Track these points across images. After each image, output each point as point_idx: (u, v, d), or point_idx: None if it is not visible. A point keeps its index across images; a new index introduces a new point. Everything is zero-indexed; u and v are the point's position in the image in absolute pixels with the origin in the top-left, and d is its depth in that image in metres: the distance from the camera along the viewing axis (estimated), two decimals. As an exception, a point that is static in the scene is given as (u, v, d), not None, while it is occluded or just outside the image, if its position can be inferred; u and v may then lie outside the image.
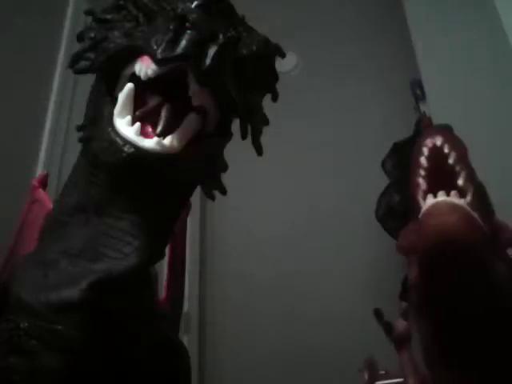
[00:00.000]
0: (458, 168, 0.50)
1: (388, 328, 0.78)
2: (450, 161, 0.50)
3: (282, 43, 0.53)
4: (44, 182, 0.61)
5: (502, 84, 1.18)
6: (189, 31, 0.41)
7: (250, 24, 0.51)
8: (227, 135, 0.51)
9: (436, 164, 0.51)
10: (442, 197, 0.48)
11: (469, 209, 0.48)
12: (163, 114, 0.44)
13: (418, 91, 1.54)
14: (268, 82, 0.53)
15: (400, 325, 0.77)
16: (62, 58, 1.40)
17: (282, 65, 0.57)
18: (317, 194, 1.72)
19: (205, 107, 0.45)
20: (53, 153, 1.28)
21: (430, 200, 0.48)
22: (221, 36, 0.41)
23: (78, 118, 0.52)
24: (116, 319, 0.43)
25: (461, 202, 0.47)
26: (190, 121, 0.45)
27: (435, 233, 0.46)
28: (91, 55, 0.49)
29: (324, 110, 1.88)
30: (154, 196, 0.45)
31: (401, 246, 0.56)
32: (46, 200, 0.57)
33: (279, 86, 0.54)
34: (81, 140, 0.50)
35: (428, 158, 0.51)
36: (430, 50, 1.38)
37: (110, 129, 0.43)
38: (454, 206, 0.47)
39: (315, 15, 2.03)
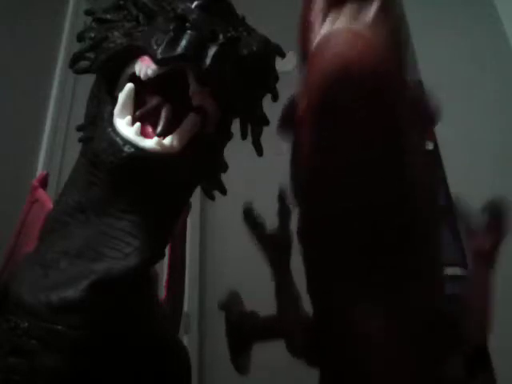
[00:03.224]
0: None
1: (257, 228, 0.60)
2: None
3: (282, 43, 0.53)
4: (44, 182, 0.61)
5: (502, 84, 1.18)
6: (189, 31, 0.41)
7: (249, 24, 0.51)
8: (227, 135, 0.51)
9: None
10: (342, 21, 0.31)
11: (380, 41, 0.32)
12: (163, 114, 0.44)
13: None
14: (268, 82, 0.53)
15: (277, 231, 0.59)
16: (61, 58, 1.41)
17: (282, 65, 0.56)
18: (317, 194, 1.72)
19: (205, 107, 0.45)
20: (53, 153, 1.29)
21: (326, 27, 0.32)
22: (221, 36, 0.42)
23: (78, 118, 0.52)
24: (116, 319, 0.43)
25: (369, 31, 0.31)
26: (190, 121, 0.45)
27: (328, 69, 0.29)
28: (91, 55, 0.49)
29: (324, 110, 1.87)
30: (154, 196, 0.45)
31: (284, 114, 0.41)
32: (46, 200, 0.57)
33: (279, 86, 0.54)
34: (81, 140, 0.51)
35: None
36: (429, 50, 1.38)
37: (110, 129, 0.43)
38: (358, 35, 0.31)
39: (315, 15, 2.03)
